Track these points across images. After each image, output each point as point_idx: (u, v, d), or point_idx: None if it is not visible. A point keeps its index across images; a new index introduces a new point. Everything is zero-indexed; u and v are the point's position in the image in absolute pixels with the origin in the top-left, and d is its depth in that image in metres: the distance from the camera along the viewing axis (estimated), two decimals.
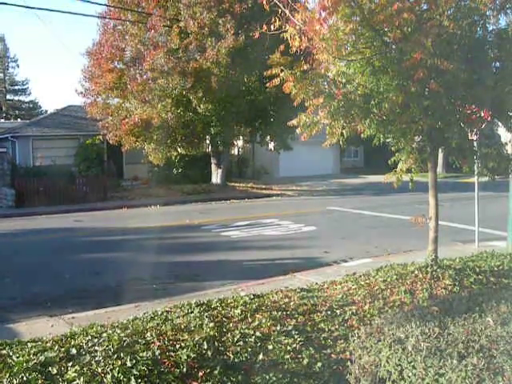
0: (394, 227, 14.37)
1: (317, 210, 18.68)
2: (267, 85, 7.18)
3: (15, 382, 3.91)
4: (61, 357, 4.30)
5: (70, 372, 4.04)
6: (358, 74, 6.26)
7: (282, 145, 25.53)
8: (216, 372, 4.19)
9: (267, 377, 4.22)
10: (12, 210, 20.22)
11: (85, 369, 4.06)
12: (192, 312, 5.60)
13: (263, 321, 5.19)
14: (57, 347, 4.52)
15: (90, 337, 4.78)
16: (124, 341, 4.54)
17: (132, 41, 21.83)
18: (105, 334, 4.82)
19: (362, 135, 6.89)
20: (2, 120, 49.72)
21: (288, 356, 4.53)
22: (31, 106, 60.15)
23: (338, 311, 5.64)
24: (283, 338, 4.84)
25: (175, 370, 4.16)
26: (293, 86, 6.24)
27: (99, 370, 4.04)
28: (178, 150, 24.37)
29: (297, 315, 5.45)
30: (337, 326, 5.25)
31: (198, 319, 5.24)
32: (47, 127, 29.13)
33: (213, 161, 26.68)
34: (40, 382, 3.93)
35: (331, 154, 34.14)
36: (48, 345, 4.65)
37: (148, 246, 12.42)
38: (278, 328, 5.02)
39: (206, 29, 20.40)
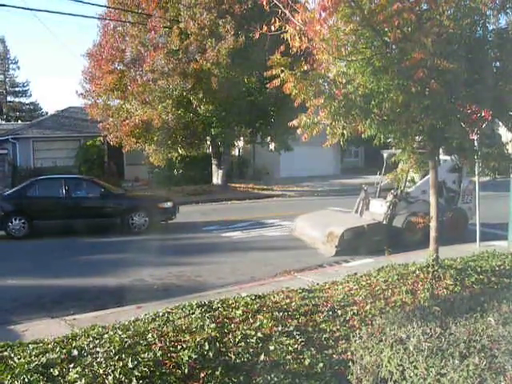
0: None
1: None
2: (268, 85, 7.18)
3: (17, 383, 3.92)
4: (62, 358, 4.30)
5: (71, 373, 4.04)
6: (358, 74, 6.25)
7: (282, 145, 25.51)
8: (217, 373, 4.19)
9: (269, 377, 4.22)
10: None
11: (86, 370, 4.06)
12: (193, 313, 5.60)
13: (264, 321, 5.18)
14: (58, 349, 4.53)
15: (91, 338, 4.78)
16: (125, 342, 4.54)
17: (132, 42, 21.83)
18: (106, 336, 4.82)
19: (362, 135, 6.89)
20: (3, 122, 49.81)
21: (289, 356, 4.53)
22: (32, 107, 60.21)
23: (339, 311, 5.64)
24: (285, 338, 4.84)
25: (177, 371, 4.17)
26: (293, 86, 6.23)
27: (101, 371, 4.04)
28: (179, 150, 24.33)
29: (298, 316, 5.45)
30: (338, 327, 5.24)
31: (199, 320, 5.24)
32: (48, 129, 29.19)
33: (213, 162, 26.68)
34: (42, 383, 3.94)
35: (332, 155, 34.08)
36: (49, 346, 4.66)
37: (150, 247, 12.42)
38: (280, 329, 5.02)
39: (206, 30, 20.39)
